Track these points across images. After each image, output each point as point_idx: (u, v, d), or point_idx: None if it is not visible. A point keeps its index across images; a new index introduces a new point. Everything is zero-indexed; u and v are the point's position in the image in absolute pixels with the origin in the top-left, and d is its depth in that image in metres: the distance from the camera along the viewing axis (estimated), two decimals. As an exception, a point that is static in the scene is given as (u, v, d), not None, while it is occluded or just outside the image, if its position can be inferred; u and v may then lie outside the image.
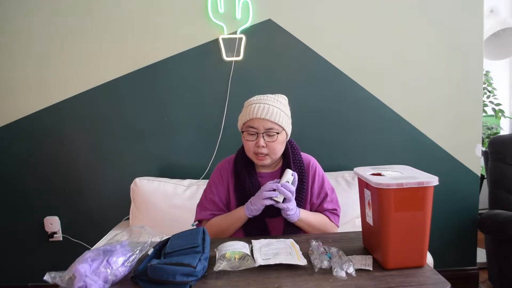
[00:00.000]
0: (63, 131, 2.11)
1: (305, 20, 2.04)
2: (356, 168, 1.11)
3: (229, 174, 1.40)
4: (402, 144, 2.13)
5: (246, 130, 1.30)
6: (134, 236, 1.11)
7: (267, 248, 1.05)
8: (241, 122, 1.33)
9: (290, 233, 1.32)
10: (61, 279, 0.88)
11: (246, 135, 1.30)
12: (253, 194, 1.30)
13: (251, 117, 1.28)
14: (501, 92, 2.79)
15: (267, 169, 1.40)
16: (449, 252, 2.19)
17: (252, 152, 1.31)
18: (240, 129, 1.36)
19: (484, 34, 2.16)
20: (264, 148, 1.28)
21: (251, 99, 1.34)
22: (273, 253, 1.02)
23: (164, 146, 2.12)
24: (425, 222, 0.96)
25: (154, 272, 0.88)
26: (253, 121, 1.28)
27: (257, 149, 1.29)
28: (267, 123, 1.27)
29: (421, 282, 0.91)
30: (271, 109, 1.28)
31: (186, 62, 2.06)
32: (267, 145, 1.28)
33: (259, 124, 1.27)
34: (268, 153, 1.29)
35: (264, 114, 1.26)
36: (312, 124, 2.08)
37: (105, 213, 2.14)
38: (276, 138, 1.29)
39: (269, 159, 1.31)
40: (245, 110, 1.32)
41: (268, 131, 1.28)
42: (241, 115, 1.34)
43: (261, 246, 1.07)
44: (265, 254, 1.01)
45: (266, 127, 1.27)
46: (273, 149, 1.29)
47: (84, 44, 2.04)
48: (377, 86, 2.10)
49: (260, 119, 1.27)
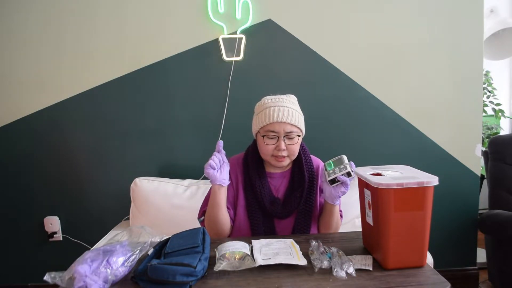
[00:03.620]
0: (63, 131, 2.11)
1: (305, 20, 2.04)
2: (356, 168, 1.12)
3: (239, 173, 1.38)
4: (402, 144, 2.13)
5: (265, 135, 1.28)
6: (134, 236, 1.11)
7: (267, 248, 1.05)
8: (258, 125, 1.31)
9: (298, 232, 1.31)
10: (61, 279, 0.88)
11: (266, 139, 1.28)
12: (262, 194, 1.30)
13: (271, 121, 1.26)
14: (501, 92, 2.79)
15: (277, 169, 1.39)
16: (449, 252, 2.19)
17: (270, 155, 1.30)
18: (255, 132, 1.34)
19: (484, 34, 2.16)
20: (284, 151, 1.28)
21: (264, 102, 1.32)
22: (273, 253, 1.02)
23: (164, 146, 2.12)
24: (425, 222, 0.96)
25: (154, 272, 0.88)
26: (273, 125, 1.27)
27: (278, 152, 1.28)
28: (287, 127, 1.27)
29: (421, 282, 0.91)
30: (291, 112, 1.27)
31: (186, 62, 2.06)
32: (287, 147, 1.28)
33: (280, 127, 1.26)
34: (288, 155, 1.30)
35: (285, 117, 1.26)
36: (312, 124, 2.05)
37: (105, 213, 2.14)
38: (297, 140, 1.30)
39: (288, 160, 1.32)
40: (262, 114, 1.30)
41: (289, 134, 1.27)
42: (258, 119, 1.31)
43: (261, 246, 1.07)
44: (265, 254, 1.01)
45: (286, 130, 1.27)
46: (292, 151, 1.29)
47: (84, 44, 2.04)
48: (377, 86, 2.10)
49: (281, 123, 1.26)
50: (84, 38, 2.04)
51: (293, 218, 1.33)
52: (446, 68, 2.10)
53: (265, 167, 1.39)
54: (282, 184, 1.37)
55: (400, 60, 2.08)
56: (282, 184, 1.38)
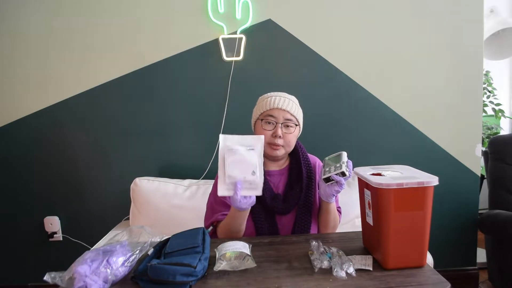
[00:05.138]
0: (63, 131, 2.11)
1: (305, 20, 2.04)
2: (356, 168, 1.12)
3: None
4: (402, 144, 2.13)
5: (264, 119, 1.32)
6: (134, 236, 1.11)
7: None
8: (257, 113, 1.35)
9: (300, 232, 1.32)
10: (61, 279, 0.88)
11: (264, 123, 1.32)
12: (263, 191, 1.29)
13: (271, 107, 1.31)
14: (501, 92, 2.79)
15: (275, 166, 1.40)
16: (449, 252, 2.19)
17: (266, 142, 1.31)
18: (254, 120, 1.37)
19: (484, 34, 2.16)
20: (280, 139, 1.30)
21: (267, 94, 1.38)
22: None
23: (164, 146, 2.12)
24: (425, 222, 0.96)
25: (154, 272, 0.88)
26: (273, 110, 1.31)
27: (273, 139, 1.30)
28: (287, 114, 1.31)
29: (421, 282, 0.91)
30: (291, 103, 1.33)
31: (186, 62, 2.06)
32: (283, 136, 1.30)
33: (279, 114, 1.30)
34: (284, 145, 1.31)
35: (285, 105, 1.31)
36: (312, 124, 2.06)
37: (105, 213, 2.14)
38: (294, 130, 1.33)
39: (283, 150, 1.33)
40: (264, 102, 1.34)
41: (287, 121, 1.31)
42: (258, 107, 1.36)
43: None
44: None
45: (285, 117, 1.31)
46: (288, 141, 1.32)
47: (84, 44, 2.04)
48: (377, 86, 2.10)
49: (281, 110, 1.30)
50: (84, 38, 2.04)
51: (294, 214, 1.34)
52: (446, 68, 2.10)
53: (264, 165, 1.39)
54: (281, 181, 1.38)
55: (400, 60, 2.08)
56: (281, 181, 1.38)
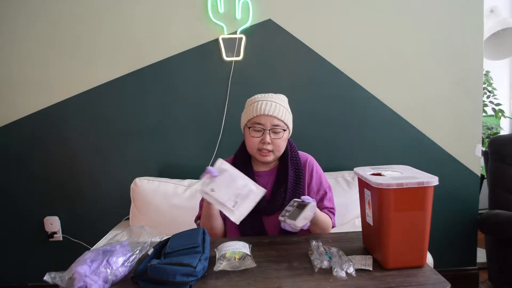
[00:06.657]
0: (63, 131, 2.11)
1: (305, 20, 2.04)
2: (356, 168, 1.11)
3: None
4: (402, 144, 2.13)
5: (252, 127, 1.31)
6: (134, 236, 1.11)
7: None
8: (245, 119, 1.34)
9: (288, 232, 1.30)
10: (61, 279, 0.89)
11: (252, 131, 1.31)
12: None
13: (258, 113, 1.29)
14: (501, 92, 2.79)
15: (265, 167, 1.40)
16: (449, 252, 2.18)
17: (255, 148, 1.31)
18: (243, 126, 1.37)
19: (484, 34, 2.15)
20: (269, 144, 1.30)
21: (254, 97, 1.36)
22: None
23: (164, 146, 2.12)
24: (425, 222, 0.96)
25: (154, 272, 0.88)
26: (259, 117, 1.30)
27: (262, 145, 1.30)
28: (274, 120, 1.30)
29: (421, 282, 0.91)
30: (278, 107, 1.31)
31: (186, 62, 2.06)
32: (272, 141, 1.30)
33: (266, 120, 1.29)
34: (273, 150, 1.31)
35: (272, 111, 1.29)
36: (312, 124, 2.08)
37: (105, 213, 2.14)
38: (282, 135, 1.31)
39: (273, 155, 1.33)
40: (251, 107, 1.33)
41: (275, 127, 1.30)
42: (246, 113, 1.35)
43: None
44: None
45: (273, 123, 1.30)
46: (277, 146, 1.31)
47: (84, 44, 2.04)
48: (377, 86, 2.10)
49: (268, 116, 1.29)
50: (84, 38, 2.04)
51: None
52: (446, 68, 2.09)
53: (253, 165, 1.40)
54: (269, 182, 1.38)
55: (400, 60, 2.08)
56: (269, 182, 1.38)
